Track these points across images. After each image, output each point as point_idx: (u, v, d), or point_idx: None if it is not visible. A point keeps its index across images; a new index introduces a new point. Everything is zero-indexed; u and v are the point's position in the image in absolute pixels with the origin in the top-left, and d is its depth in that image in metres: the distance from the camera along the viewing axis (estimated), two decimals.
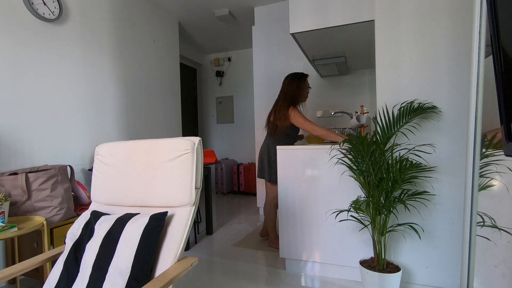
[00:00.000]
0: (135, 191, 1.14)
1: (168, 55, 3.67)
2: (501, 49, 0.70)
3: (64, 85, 2.34)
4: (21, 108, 2.04)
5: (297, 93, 2.33)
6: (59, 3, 2.26)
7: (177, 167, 1.08)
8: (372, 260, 1.71)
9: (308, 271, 2.00)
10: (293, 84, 2.34)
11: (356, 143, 1.58)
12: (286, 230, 2.02)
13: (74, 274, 1.00)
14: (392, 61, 1.72)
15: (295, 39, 2.21)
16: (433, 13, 1.62)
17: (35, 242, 1.81)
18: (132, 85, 3.07)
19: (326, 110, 3.42)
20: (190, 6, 3.53)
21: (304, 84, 2.37)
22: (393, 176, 1.54)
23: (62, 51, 2.33)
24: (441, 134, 1.64)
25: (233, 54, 5.29)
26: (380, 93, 1.75)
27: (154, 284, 0.82)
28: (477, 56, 1.02)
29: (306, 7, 2.00)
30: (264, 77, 3.65)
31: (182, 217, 1.04)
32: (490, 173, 1.43)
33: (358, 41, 2.28)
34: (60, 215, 1.81)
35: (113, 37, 2.83)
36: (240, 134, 5.27)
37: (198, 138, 1.11)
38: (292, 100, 2.32)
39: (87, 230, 1.08)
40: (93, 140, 2.59)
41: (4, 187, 1.71)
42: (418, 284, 1.71)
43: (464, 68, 1.58)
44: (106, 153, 1.22)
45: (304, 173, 1.96)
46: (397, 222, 1.72)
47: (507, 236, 1.41)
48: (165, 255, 0.98)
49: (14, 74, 2.00)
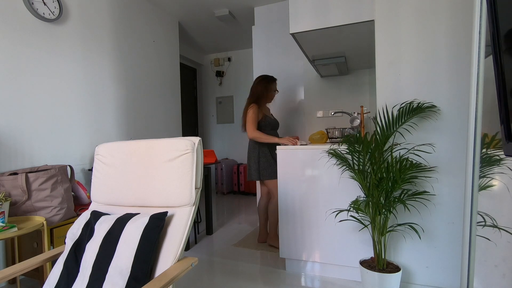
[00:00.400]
0: (135, 191, 1.14)
1: (168, 55, 3.67)
2: (501, 49, 0.70)
3: (64, 85, 2.34)
4: (21, 108, 2.04)
5: (263, 94, 2.50)
6: (59, 3, 2.26)
7: (177, 167, 1.08)
8: (372, 260, 1.71)
9: (308, 271, 2.00)
10: (261, 85, 2.51)
11: (354, 142, 1.58)
12: (286, 230, 2.02)
13: (74, 274, 1.00)
14: (392, 61, 1.72)
15: (295, 39, 2.21)
16: (433, 13, 1.62)
17: (35, 242, 1.81)
18: (132, 85, 3.07)
19: (326, 110, 3.42)
20: (190, 6, 3.53)
21: (271, 86, 2.54)
22: (393, 176, 1.54)
23: (62, 51, 2.33)
24: (441, 134, 1.64)
25: (233, 54, 5.29)
26: (380, 93, 1.75)
27: (154, 284, 0.82)
28: (477, 56, 1.02)
29: (306, 7, 2.00)
30: None
31: (182, 217, 1.04)
32: (490, 173, 1.42)
33: (358, 41, 2.28)
34: (60, 215, 1.81)
35: (113, 37, 2.83)
36: (240, 134, 5.27)
37: (198, 138, 1.11)
38: (256, 99, 2.49)
39: (87, 230, 1.08)
40: (93, 140, 2.58)
41: (4, 187, 1.71)
42: (418, 284, 1.71)
43: (464, 68, 1.58)
44: (106, 153, 1.22)
45: (304, 173, 1.96)
46: (397, 222, 1.72)
47: (507, 236, 1.41)
48: (165, 255, 0.98)
49: (14, 74, 2.00)
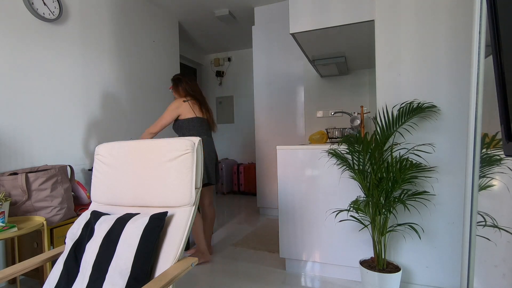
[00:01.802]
0: (135, 191, 1.14)
1: (168, 55, 3.67)
2: (501, 49, 0.70)
3: (64, 85, 2.34)
4: (21, 108, 2.04)
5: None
6: (59, 3, 2.26)
7: (177, 167, 1.08)
8: (372, 260, 1.71)
9: (308, 271, 2.00)
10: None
11: (354, 142, 1.58)
12: (286, 230, 2.02)
13: (74, 274, 1.00)
14: (392, 61, 1.72)
15: (295, 39, 2.21)
16: (433, 13, 1.62)
17: (35, 242, 1.81)
18: (132, 85, 3.07)
19: (326, 110, 3.42)
20: (190, 6, 3.53)
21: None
22: (393, 176, 1.54)
23: (62, 51, 2.33)
24: (441, 134, 1.64)
25: (233, 54, 5.29)
26: (380, 93, 1.75)
27: (154, 284, 0.82)
28: (477, 56, 1.02)
29: (306, 7, 2.00)
30: (264, 77, 3.65)
31: (182, 217, 1.04)
32: (490, 173, 1.43)
33: (358, 41, 2.28)
34: (60, 215, 1.81)
35: (113, 37, 2.83)
36: (240, 134, 5.27)
37: (198, 138, 1.11)
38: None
39: (87, 230, 1.08)
40: (93, 140, 2.59)
41: (4, 187, 1.71)
42: (418, 284, 1.71)
43: (464, 68, 1.58)
44: (106, 153, 1.22)
45: (304, 173, 1.96)
46: (397, 222, 1.72)
47: (507, 236, 1.41)
48: (165, 255, 0.98)
49: (14, 74, 2.00)
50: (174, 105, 2.17)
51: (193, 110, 2.20)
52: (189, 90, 2.26)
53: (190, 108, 2.19)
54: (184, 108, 2.18)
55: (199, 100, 2.27)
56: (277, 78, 3.60)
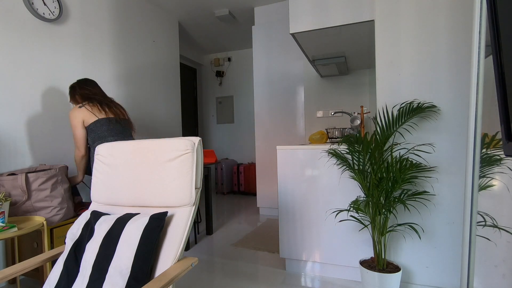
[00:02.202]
0: (135, 191, 1.14)
1: (168, 55, 3.67)
2: (501, 49, 0.70)
3: (64, 85, 2.34)
4: (21, 108, 2.04)
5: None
6: (59, 3, 2.26)
7: (177, 167, 1.08)
8: (372, 260, 1.71)
9: (308, 271, 2.00)
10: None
11: (354, 142, 1.58)
12: (286, 230, 2.02)
13: (74, 274, 1.00)
14: (392, 61, 1.72)
15: (295, 39, 2.21)
16: (433, 13, 1.62)
17: (35, 242, 1.81)
18: (132, 85, 3.07)
19: (326, 110, 3.42)
20: (190, 6, 3.53)
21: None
22: (393, 176, 1.54)
23: (62, 51, 2.33)
24: (441, 134, 1.64)
25: (233, 54, 5.29)
26: (380, 93, 1.75)
27: (154, 284, 0.82)
28: (477, 56, 1.02)
29: (306, 7, 2.00)
30: (264, 77, 3.65)
31: (182, 217, 1.04)
32: (490, 173, 1.43)
33: (358, 41, 2.28)
34: (60, 215, 1.81)
35: (113, 37, 2.83)
36: (240, 134, 5.27)
37: (198, 138, 1.11)
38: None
39: (87, 230, 1.08)
40: None
41: (4, 187, 1.71)
42: (418, 284, 1.71)
43: (464, 68, 1.58)
44: (106, 153, 1.22)
45: (304, 173, 1.96)
46: (397, 222, 1.72)
47: (507, 236, 1.41)
48: (165, 255, 0.98)
49: (14, 74, 2.00)
50: (72, 116, 1.95)
51: (93, 113, 1.96)
52: (86, 94, 2.03)
53: (89, 112, 1.96)
54: (83, 114, 1.95)
55: (98, 101, 2.02)
56: (277, 78, 3.60)
